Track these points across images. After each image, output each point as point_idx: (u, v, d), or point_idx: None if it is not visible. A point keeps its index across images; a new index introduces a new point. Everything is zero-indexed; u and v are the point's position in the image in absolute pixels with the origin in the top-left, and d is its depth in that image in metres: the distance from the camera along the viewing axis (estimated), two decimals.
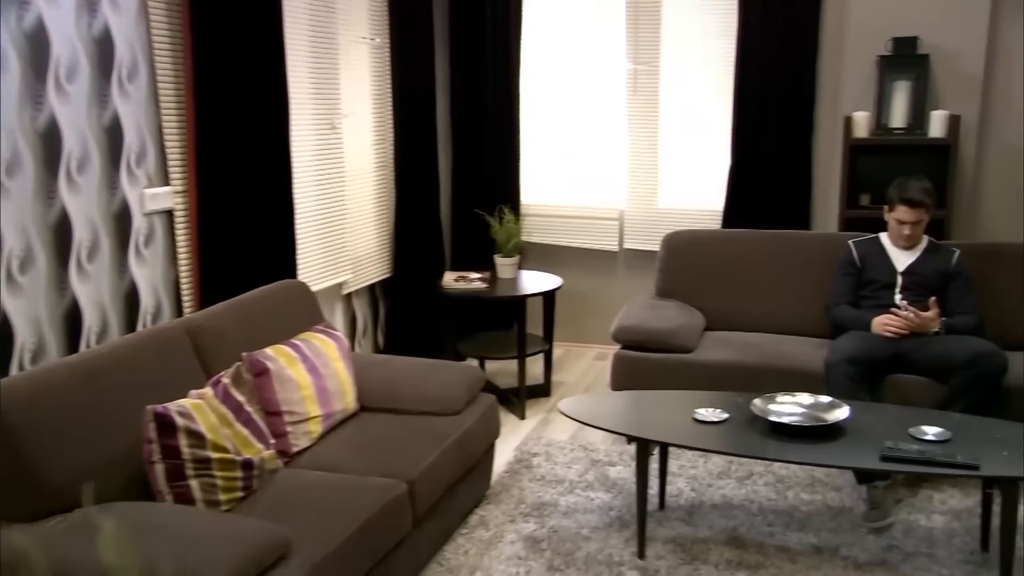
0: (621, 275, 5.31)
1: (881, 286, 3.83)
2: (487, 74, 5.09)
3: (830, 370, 3.48)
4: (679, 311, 4.15)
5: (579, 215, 5.26)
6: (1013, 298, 3.88)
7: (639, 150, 5.08)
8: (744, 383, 3.75)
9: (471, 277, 4.50)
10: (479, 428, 3.28)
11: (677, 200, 5.08)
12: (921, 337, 3.60)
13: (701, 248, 4.35)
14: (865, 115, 4.40)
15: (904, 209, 3.75)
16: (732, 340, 4.02)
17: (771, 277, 4.22)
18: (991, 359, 3.33)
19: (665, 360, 3.87)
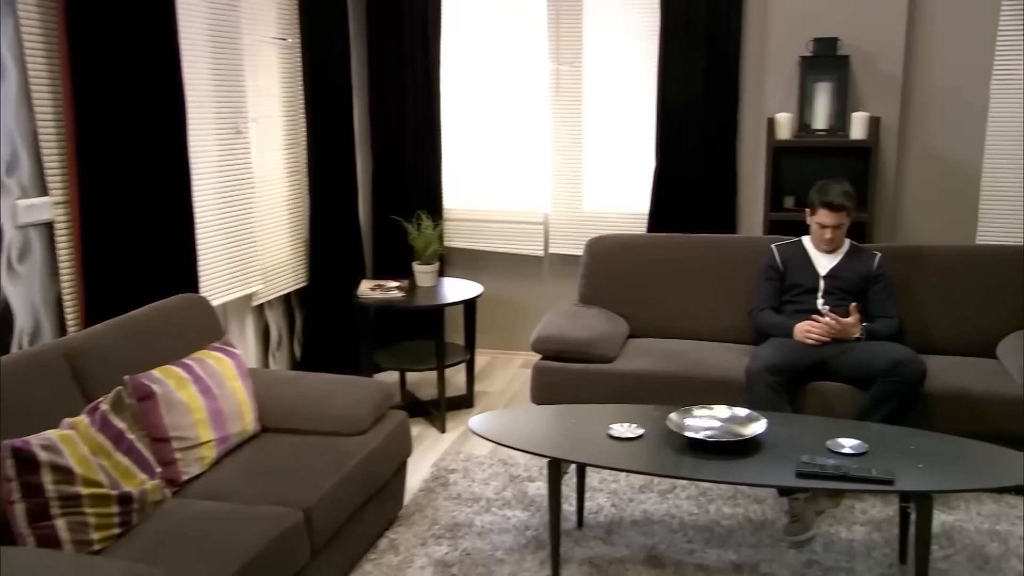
0: (547, 280, 5.19)
1: (804, 290, 3.76)
2: (405, 75, 4.93)
3: (750, 379, 3.40)
4: (601, 319, 4.04)
5: (503, 219, 5.13)
6: (933, 301, 3.85)
7: (563, 152, 4.97)
8: (666, 393, 3.65)
9: (388, 286, 4.34)
10: (387, 447, 3.12)
11: (602, 203, 4.98)
12: (842, 344, 3.54)
13: (624, 253, 4.25)
14: (788, 116, 4.35)
15: (825, 213, 3.69)
16: (655, 348, 3.92)
17: (695, 282, 4.13)
18: (910, 366, 3.28)
19: (585, 371, 3.76)
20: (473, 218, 5.17)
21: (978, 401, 3.35)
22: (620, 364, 3.77)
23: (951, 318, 3.83)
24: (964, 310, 3.82)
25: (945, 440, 2.82)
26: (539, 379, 3.82)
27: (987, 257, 3.87)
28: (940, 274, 3.87)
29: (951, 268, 3.86)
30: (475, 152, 5.16)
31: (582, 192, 4.98)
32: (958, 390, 3.39)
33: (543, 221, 5.07)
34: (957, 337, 3.82)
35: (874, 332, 3.60)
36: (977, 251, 3.93)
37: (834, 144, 4.34)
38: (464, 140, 5.16)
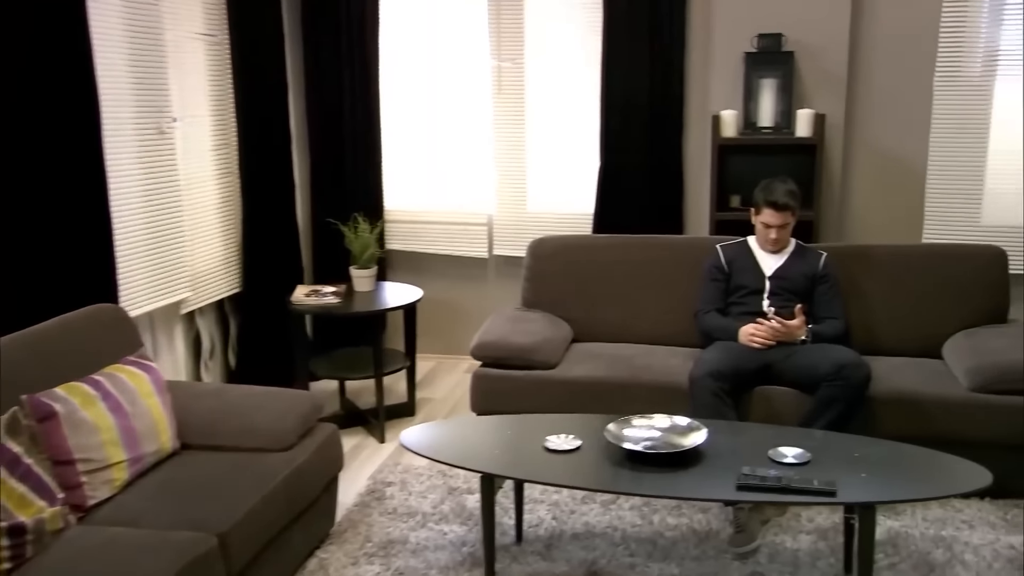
0: (492, 283, 5.06)
1: (749, 291, 3.68)
2: (343, 73, 4.77)
3: (694, 385, 3.30)
4: (544, 323, 3.92)
5: (446, 221, 4.99)
6: (879, 301, 3.79)
7: (506, 151, 4.84)
8: (610, 399, 3.54)
9: (324, 291, 4.18)
10: (315, 463, 2.97)
11: (548, 203, 4.86)
12: (787, 347, 3.46)
13: (568, 255, 4.13)
14: (733, 114, 4.26)
15: (770, 212, 3.61)
16: (599, 353, 3.81)
17: (641, 284, 4.03)
18: (854, 370, 3.21)
19: (526, 378, 3.64)
20: (415, 219, 5.03)
21: (923, 404, 3.29)
22: (562, 370, 3.66)
23: (897, 318, 3.77)
24: (910, 310, 3.76)
25: (889, 447, 2.74)
26: (479, 387, 3.69)
27: (932, 256, 3.82)
28: (886, 274, 3.81)
29: (897, 268, 3.81)
30: (417, 152, 5.01)
31: (526, 192, 4.86)
32: (903, 393, 3.32)
33: (487, 222, 4.94)
34: (903, 338, 3.76)
35: (820, 334, 3.52)
36: (922, 250, 3.88)
37: (779, 142, 4.27)
38: (405, 140, 5.00)
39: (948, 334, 3.71)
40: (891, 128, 4.42)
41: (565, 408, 3.56)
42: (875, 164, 4.47)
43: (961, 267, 3.76)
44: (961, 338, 3.63)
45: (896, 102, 4.39)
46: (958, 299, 3.73)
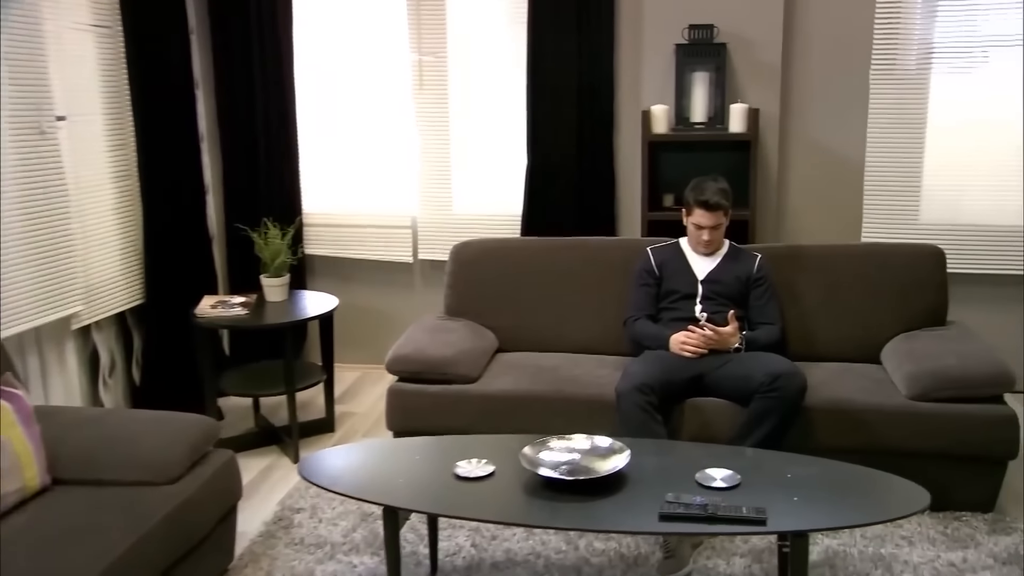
0: (419, 288, 4.82)
1: (681, 296, 3.48)
2: (254, 69, 4.47)
3: (620, 399, 3.09)
4: (466, 333, 3.68)
5: (368, 224, 4.73)
6: (816, 305, 3.62)
7: (430, 150, 4.59)
8: (532, 415, 3.32)
9: (232, 302, 3.89)
10: (206, 495, 2.70)
11: (474, 205, 4.62)
12: (720, 355, 3.27)
13: (491, 259, 3.90)
14: (664, 109, 4.07)
15: (701, 212, 3.42)
16: (524, 364, 3.59)
17: (570, 289, 3.81)
18: (789, 380, 3.02)
19: (445, 393, 3.40)
20: (336, 223, 4.76)
21: (861, 414, 3.12)
22: (483, 384, 3.42)
23: (835, 322, 3.61)
24: (848, 313, 3.60)
25: (823, 466, 2.55)
26: (395, 404, 3.44)
27: (870, 256, 3.66)
28: (823, 275, 3.64)
29: (834, 269, 3.64)
30: (336, 152, 4.73)
31: (452, 193, 4.62)
32: (840, 402, 3.15)
33: (411, 225, 4.69)
34: (842, 342, 3.60)
35: (754, 341, 3.34)
36: (860, 250, 3.72)
37: (713, 138, 4.09)
38: (323, 138, 4.72)
39: (887, 338, 3.56)
40: (828, 123, 4.26)
41: (486, 425, 3.33)
42: (812, 160, 4.31)
43: (900, 267, 3.61)
44: (900, 342, 3.48)
45: (832, 96, 4.23)
46: (897, 301, 3.58)
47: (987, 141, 4.10)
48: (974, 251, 4.18)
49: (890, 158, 4.20)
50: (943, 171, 4.18)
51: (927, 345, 3.36)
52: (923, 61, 4.09)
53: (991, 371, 3.10)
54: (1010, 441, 3.04)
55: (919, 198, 4.22)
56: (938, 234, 4.18)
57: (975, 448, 3.06)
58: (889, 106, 4.15)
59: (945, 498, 3.11)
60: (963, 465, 3.10)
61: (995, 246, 4.17)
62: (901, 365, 3.29)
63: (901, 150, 4.18)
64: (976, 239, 4.18)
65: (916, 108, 4.14)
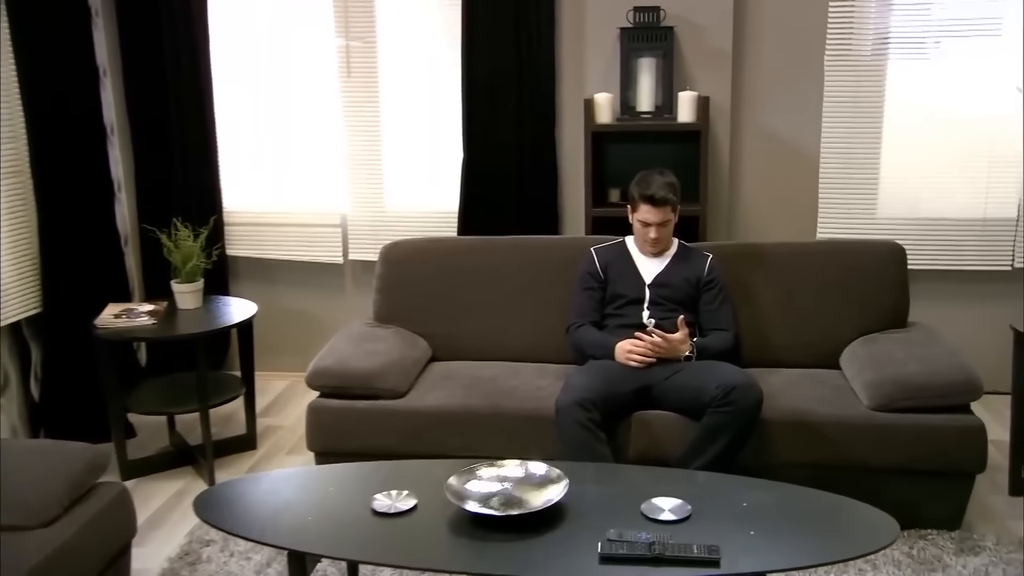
0: (350, 291, 4.50)
1: (628, 301, 3.22)
2: (166, 56, 4.10)
3: (560, 415, 2.82)
4: (396, 341, 3.39)
5: (294, 222, 4.39)
6: (772, 307, 3.38)
7: (359, 142, 4.27)
8: (467, 432, 3.04)
9: (139, 310, 3.54)
10: (88, 537, 2.37)
11: (408, 201, 4.31)
12: (669, 365, 3.02)
13: (425, 261, 3.60)
14: (608, 97, 3.79)
15: (647, 208, 3.16)
16: (458, 375, 3.30)
17: (509, 293, 3.53)
18: (744, 393, 2.77)
19: (371, 409, 3.10)
20: (260, 221, 4.42)
21: (820, 426, 2.89)
22: (413, 399, 3.13)
23: (792, 326, 3.37)
24: (805, 316, 3.37)
25: (781, 492, 2.31)
26: (315, 421, 3.14)
27: (828, 254, 3.44)
28: (779, 275, 3.40)
29: (790, 268, 3.41)
30: (258, 145, 4.38)
31: (384, 189, 4.30)
32: (798, 414, 2.92)
33: (340, 223, 4.37)
34: (798, 347, 3.36)
35: (706, 348, 3.09)
36: (817, 248, 3.52)
37: (660, 128, 3.83)
38: (244, 131, 4.37)
39: (846, 341, 3.33)
40: (782, 112, 4.03)
41: (416, 444, 3.05)
42: (765, 152, 4.08)
43: (858, 266, 3.38)
44: (859, 346, 3.26)
45: (786, 83, 4.00)
46: (856, 302, 3.36)
47: (946, 131, 3.90)
48: (933, 246, 3.99)
49: (846, 149, 3.98)
50: (901, 163, 3.97)
51: (888, 350, 3.14)
52: (879, 47, 3.87)
53: (957, 378, 2.89)
54: (977, 454, 2.83)
55: (877, 191, 4.01)
56: (896, 229, 3.98)
57: (941, 462, 2.84)
58: (845, 95, 3.93)
59: (910, 515, 2.88)
60: (928, 480, 2.88)
61: (955, 240, 3.97)
62: (861, 372, 3.06)
63: (858, 141, 3.96)
64: (935, 233, 3.98)
65: (873, 97, 3.92)
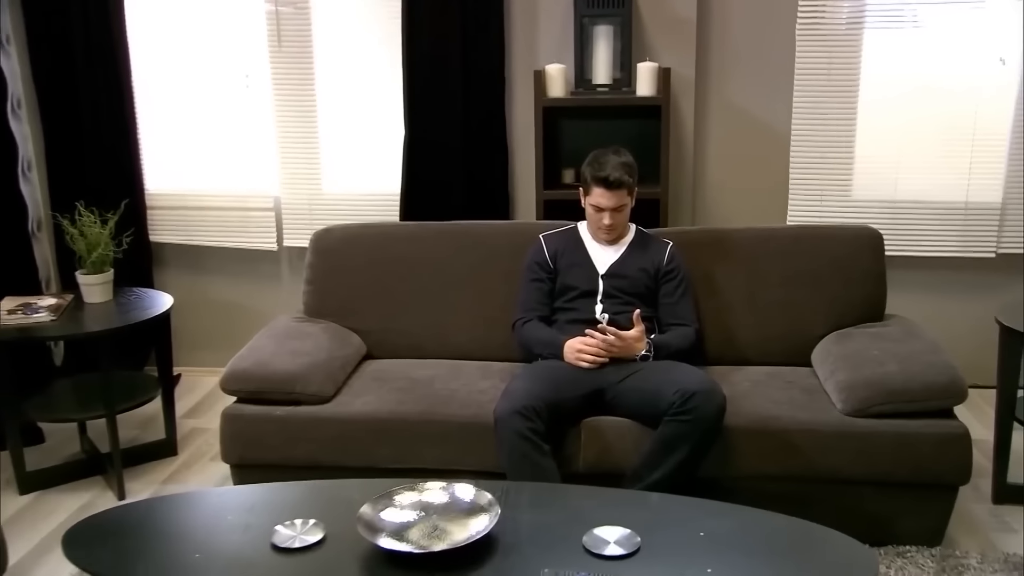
0: (287, 280, 4.16)
1: (579, 293, 2.92)
2: (74, 20, 3.72)
3: (499, 425, 2.51)
4: (325, 339, 3.06)
5: (224, 205, 4.04)
6: (739, 299, 3.09)
7: (292, 118, 3.91)
8: (399, 442, 2.73)
9: (38, 305, 3.19)
10: None
11: (347, 183, 3.97)
12: (624, 365, 2.72)
13: (360, 248, 3.28)
14: (561, 69, 3.47)
15: (600, 192, 2.85)
16: (393, 376, 2.99)
17: (452, 284, 3.21)
18: (705, 400, 2.48)
19: (292, 417, 2.77)
20: (186, 204, 4.05)
21: (789, 434, 2.60)
22: (340, 404, 2.81)
23: (759, 319, 3.08)
24: (773, 308, 3.08)
25: (743, 518, 2.03)
26: (231, 430, 2.82)
27: (799, 240, 3.15)
28: (745, 264, 3.11)
29: (758, 256, 3.12)
30: (182, 121, 4.00)
31: (320, 169, 3.95)
32: (765, 421, 2.63)
33: (273, 206, 4.02)
34: (766, 342, 3.08)
35: (664, 346, 2.80)
36: (787, 233, 3.23)
37: (618, 102, 3.51)
38: (167, 106, 3.99)
39: (817, 336, 3.05)
40: (750, 86, 3.72)
41: (342, 455, 2.73)
42: (732, 129, 3.78)
43: (831, 253, 3.10)
44: (832, 343, 2.97)
45: (755, 55, 3.69)
46: (828, 292, 3.07)
47: (926, 106, 3.62)
48: (912, 231, 3.72)
49: (819, 126, 3.68)
50: (878, 141, 3.68)
51: (864, 346, 2.86)
52: (855, 16, 3.57)
53: (939, 380, 2.61)
54: (961, 464, 2.56)
55: (851, 172, 3.72)
56: (872, 213, 3.70)
57: (921, 472, 2.57)
58: (818, 67, 3.63)
59: (887, 531, 2.63)
60: (907, 492, 2.61)
61: (935, 226, 3.71)
62: (835, 372, 2.78)
63: (831, 116, 3.67)
64: (914, 218, 3.71)
65: (848, 69, 3.62)
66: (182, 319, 4.05)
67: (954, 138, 3.62)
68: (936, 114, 3.62)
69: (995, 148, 3.60)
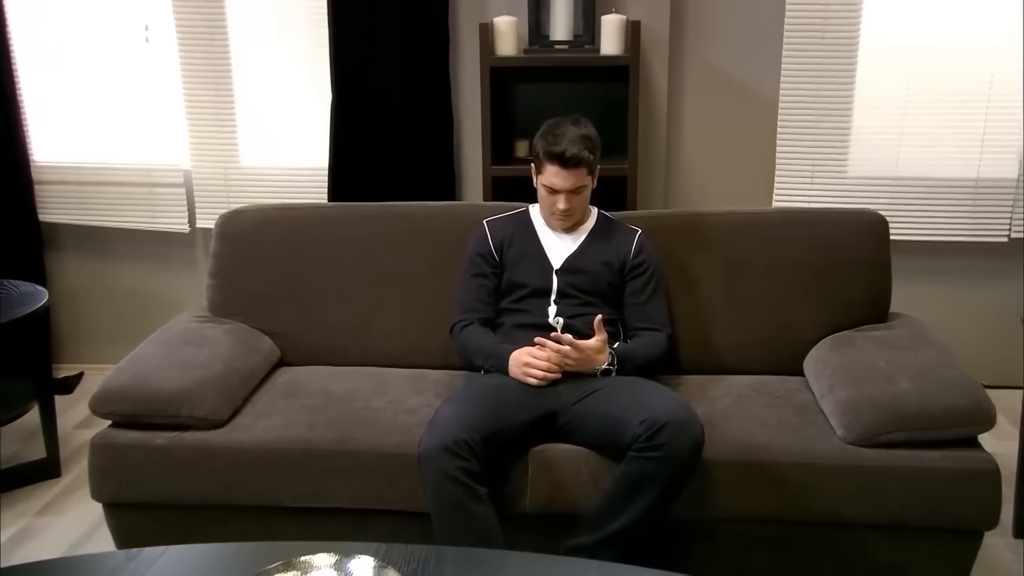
0: (201, 266, 3.63)
1: (530, 292, 2.43)
2: None
3: (423, 466, 2.02)
4: (227, 344, 2.55)
5: (126, 181, 3.50)
6: (716, 295, 2.62)
7: (201, 78, 3.36)
8: (306, 477, 2.24)
9: None
10: None
11: (268, 155, 3.44)
12: (581, 381, 2.25)
13: (275, 235, 2.76)
14: (512, 22, 2.96)
15: (555, 170, 2.35)
16: (306, 390, 2.49)
17: (381, 277, 2.72)
18: (678, 433, 2.00)
19: (176, 445, 2.27)
20: (82, 179, 3.51)
21: (779, 468, 2.14)
22: (236, 430, 2.31)
23: (742, 319, 2.61)
24: (759, 306, 2.61)
25: None
26: (99, 464, 2.30)
27: (789, 226, 2.67)
28: (727, 254, 2.64)
29: (741, 244, 2.64)
30: (72, 82, 3.44)
31: (237, 138, 3.42)
32: (750, 451, 2.16)
33: (184, 182, 3.48)
34: (751, 347, 2.61)
35: (631, 356, 2.32)
36: (774, 218, 2.73)
37: (580, 63, 3.01)
38: (56, 66, 3.42)
39: (811, 341, 2.59)
40: (734, 44, 3.23)
41: (237, 492, 2.25)
42: (713, 95, 3.28)
43: (827, 242, 2.63)
44: (829, 350, 2.51)
45: (740, 7, 3.19)
46: (823, 288, 2.61)
47: (935, 68, 3.14)
48: (914, 213, 3.26)
49: (811, 92, 3.20)
50: (878, 109, 3.20)
51: (867, 355, 2.40)
52: None
53: (962, 402, 2.16)
54: (988, 504, 2.11)
55: (848, 145, 3.25)
56: (871, 193, 3.24)
57: (939, 515, 2.12)
58: (811, 22, 3.14)
59: None
60: (921, 538, 2.16)
61: (941, 206, 3.25)
62: (833, 388, 2.32)
63: (826, 80, 3.18)
64: (917, 198, 3.25)
65: (846, 25, 3.14)
66: (85, 310, 3.55)
67: (966, 105, 3.15)
68: (945, 77, 3.14)
69: (1012, 116, 3.14)
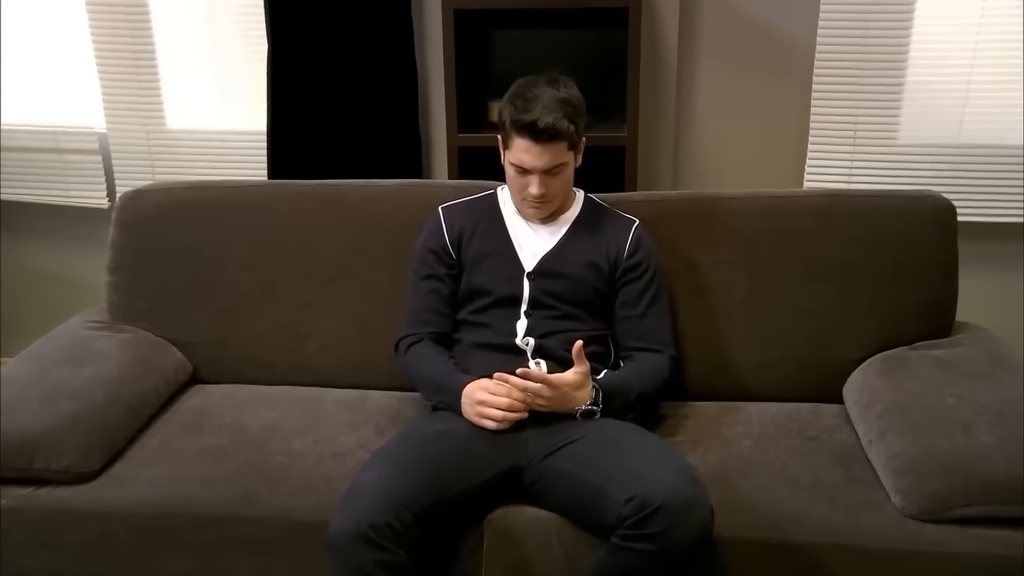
0: None
1: (494, 301, 1.90)
2: None
3: (333, 556, 1.49)
4: (119, 360, 2.04)
5: (28, 146, 2.95)
6: (735, 301, 2.08)
7: (114, 24, 2.78)
8: (192, 551, 1.73)
9: None
10: None
11: (200, 116, 2.88)
12: (554, 426, 1.72)
13: (187, 220, 2.24)
14: None
15: (525, 144, 1.81)
16: (214, 422, 1.98)
17: (316, 275, 2.20)
18: (679, 517, 1.45)
19: (28, 506, 1.76)
20: None
21: (814, 549, 1.61)
22: (108, 485, 1.79)
23: (767, 332, 2.08)
24: (788, 315, 2.08)
25: None
26: None
27: (824, 214, 2.11)
28: (748, 250, 2.10)
29: (767, 237, 2.10)
30: None
31: (162, 96, 2.85)
32: (776, 527, 1.63)
33: (98, 148, 2.93)
34: (777, 368, 2.08)
35: (622, 392, 1.80)
36: (808, 202, 2.16)
37: (567, 5, 2.42)
38: None
39: (854, 361, 2.05)
40: None
41: (105, 570, 1.74)
42: (734, 45, 2.68)
43: (875, 232, 2.08)
44: (877, 375, 1.97)
45: None
46: (870, 293, 2.06)
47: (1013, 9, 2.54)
48: (981, 188, 2.67)
49: (856, 40, 2.59)
50: (940, 60, 2.59)
51: (928, 387, 1.86)
52: None
53: None
54: None
55: (900, 106, 2.64)
56: (927, 165, 2.65)
57: None
58: None
59: None
60: None
61: (1009, 180, 2.66)
62: (885, 435, 1.78)
63: (874, 25, 2.57)
64: (981, 169, 2.66)
65: None
66: None
67: None
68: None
69: None
